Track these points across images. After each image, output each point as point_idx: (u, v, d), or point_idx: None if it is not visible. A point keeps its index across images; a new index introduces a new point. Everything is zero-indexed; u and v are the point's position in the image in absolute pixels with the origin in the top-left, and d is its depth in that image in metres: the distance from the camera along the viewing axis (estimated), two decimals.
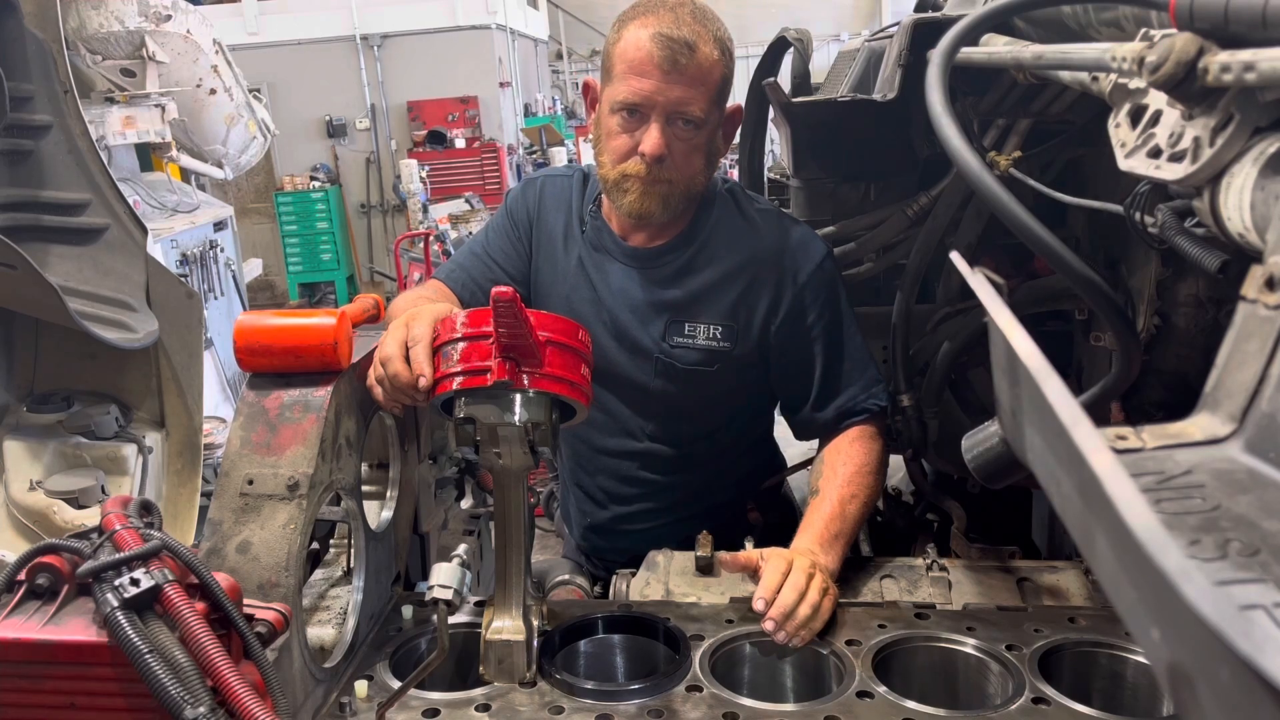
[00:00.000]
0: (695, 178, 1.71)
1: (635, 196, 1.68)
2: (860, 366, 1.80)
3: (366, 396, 1.51)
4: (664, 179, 1.67)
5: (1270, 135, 0.80)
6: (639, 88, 1.61)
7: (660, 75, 1.59)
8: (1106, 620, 1.46)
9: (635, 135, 1.65)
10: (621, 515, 1.94)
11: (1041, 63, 1.18)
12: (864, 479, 1.71)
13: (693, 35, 1.59)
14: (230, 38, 7.38)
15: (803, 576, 1.46)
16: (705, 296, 1.77)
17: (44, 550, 1.13)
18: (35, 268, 2.31)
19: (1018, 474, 1.18)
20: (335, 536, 1.76)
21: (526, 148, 13.16)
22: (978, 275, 0.73)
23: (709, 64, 1.61)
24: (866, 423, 1.79)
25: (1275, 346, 0.60)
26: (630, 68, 1.61)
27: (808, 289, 1.76)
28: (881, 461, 1.79)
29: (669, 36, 1.57)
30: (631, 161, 1.66)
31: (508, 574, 1.38)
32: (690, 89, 1.61)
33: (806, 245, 1.79)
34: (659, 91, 1.60)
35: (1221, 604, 0.36)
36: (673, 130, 1.64)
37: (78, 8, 5.24)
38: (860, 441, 1.77)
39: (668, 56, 1.58)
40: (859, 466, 1.73)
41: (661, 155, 1.63)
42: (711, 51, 1.61)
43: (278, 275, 12.20)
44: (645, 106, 1.62)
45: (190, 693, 1.01)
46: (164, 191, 5.87)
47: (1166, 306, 1.59)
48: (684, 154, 1.67)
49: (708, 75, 1.62)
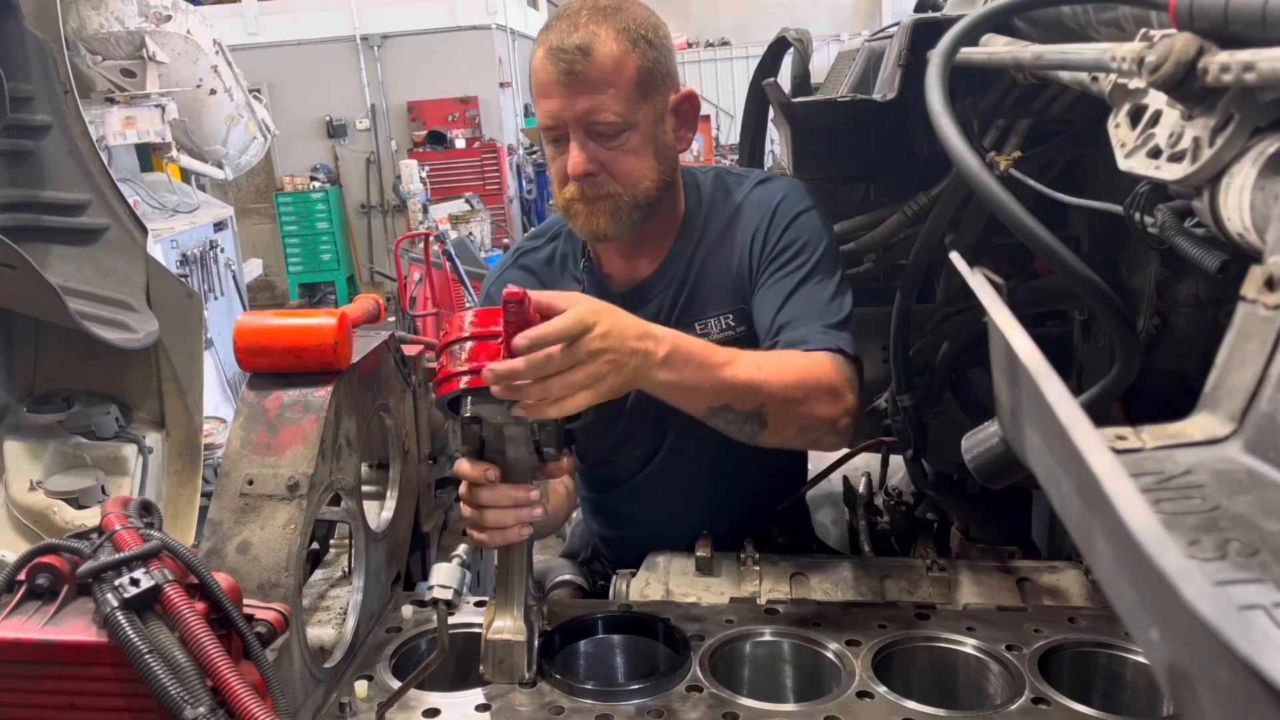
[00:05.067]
0: (641, 183, 1.59)
1: (583, 219, 1.60)
2: (816, 313, 1.57)
3: (366, 396, 1.51)
4: (604, 194, 1.57)
5: (1270, 135, 0.80)
6: (547, 109, 1.53)
7: (561, 90, 1.51)
8: (1106, 620, 1.46)
9: (565, 158, 1.56)
10: (639, 521, 1.89)
11: (1041, 63, 1.18)
12: (775, 362, 1.44)
13: (586, 37, 1.49)
14: (230, 38, 7.38)
15: (573, 322, 1.20)
16: (706, 290, 1.70)
17: (44, 550, 1.13)
18: (35, 268, 2.32)
19: (1018, 474, 1.18)
20: (335, 536, 1.76)
21: (526, 148, 13.17)
22: (977, 275, 0.73)
23: (612, 61, 1.50)
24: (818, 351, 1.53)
25: (1275, 346, 0.60)
26: (538, 90, 1.54)
27: (771, 234, 1.66)
28: (819, 383, 1.45)
29: (559, 48, 1.49)
30: (570, 186, 1.58)
31: (509, 574, 1.38)
32: (596, 95, 1.50)
33: (772, 195, 1.69)
34: (564, 108, 1.52)
35: (1221, 604, 0.36)
36: (597, 143, 1.54)
37: (78, 8, 5.24)
38: (801, 355, 1.49)
39: (563, 69, 1.49)
40: (780, 356, 1.48)
41: (588, 172, 1.55)
42: (612, 47, 1.50)
43: (278, 275, 12.21)
44: (558, 127, 1.54)
45: (190, 693, 1.01)
46: (164, 192, 5.88)
47: (1166, 306, 1.59)
48: (618, 161, 1.56)
49: (614, 74, 1.51)
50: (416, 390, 1.82)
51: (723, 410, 1.39)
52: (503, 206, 11.99)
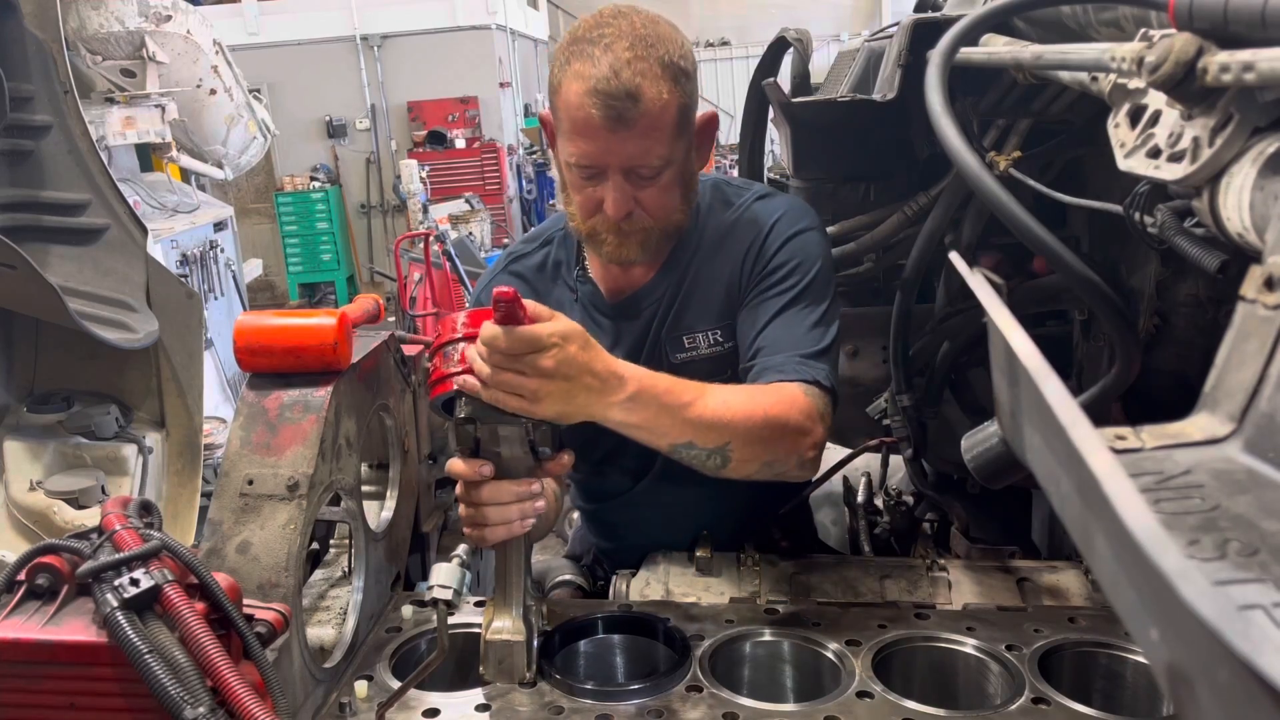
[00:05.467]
0: (673, 216, 1.59)
1: (611, 248, 1.58)
2: (796, 341, 1.55)
3: (366, 396, 1.51)
4: (639, 229, 1.56)
5: (1269, 135, 0.80)
6: (587, 150, 1.48)
7: (604, 135, 1.45)
8: (1106, 620, 1.46)
9: (596, 190, 1.53)
10: (637, 531, 1.87)
11: (1041, 63, 1.18)
12: (744, 400, 1.42)
13: (634, 79, 1.42)
14: (230, 38, 7.38)
15: (532, 337, 1.20)
16: (696, 305, 1.68)
17: (44, 550, 1.13)
18: (35, 268, 2.32)
19: (1018, 474, 1.18)
20: (335, 536, 1.76)
21: (526, 148, 13.18)
22: (977, 275, 0.73)
23: (659, 107, 1.45)
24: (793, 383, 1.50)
25: (1274, 346, 0.60)
26: (574, 128, 1.47)
27: (764, 251, 1.64)
28: (787, 421, 1.43)
29: (607, 93, 1.41)
30: (599, 218, 1.55)
31: (508, 574, 1.38)
32: (643, 140, 1.46)
33: (770, 212, 1.67)
34: (607, 152, 1.47)
35: (1220, 604, 0.36)
36: (633, 183, 1.51)
37: (78, 8, 5.24)
38: (772, 389, 1.47)
39: (610, 115, 1.42)
40: (749, 393, 1.45)
41: (628, 213, 1.53)
42: (661, 91, 1.44)
43: (278, 275, 12.22)
44: (595, 167, 1.50)
45: (190, 693, 1.01)
46: (164, 192, 5.88)
47: (1166, 306, 1.59)
48: (653, 198, 1.54)
49: (660, 117, 1.46)
50: (416, 390, 1.82)
51: (686, 446, 1.38)
52: (503, 206, 12.00)
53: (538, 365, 1.21)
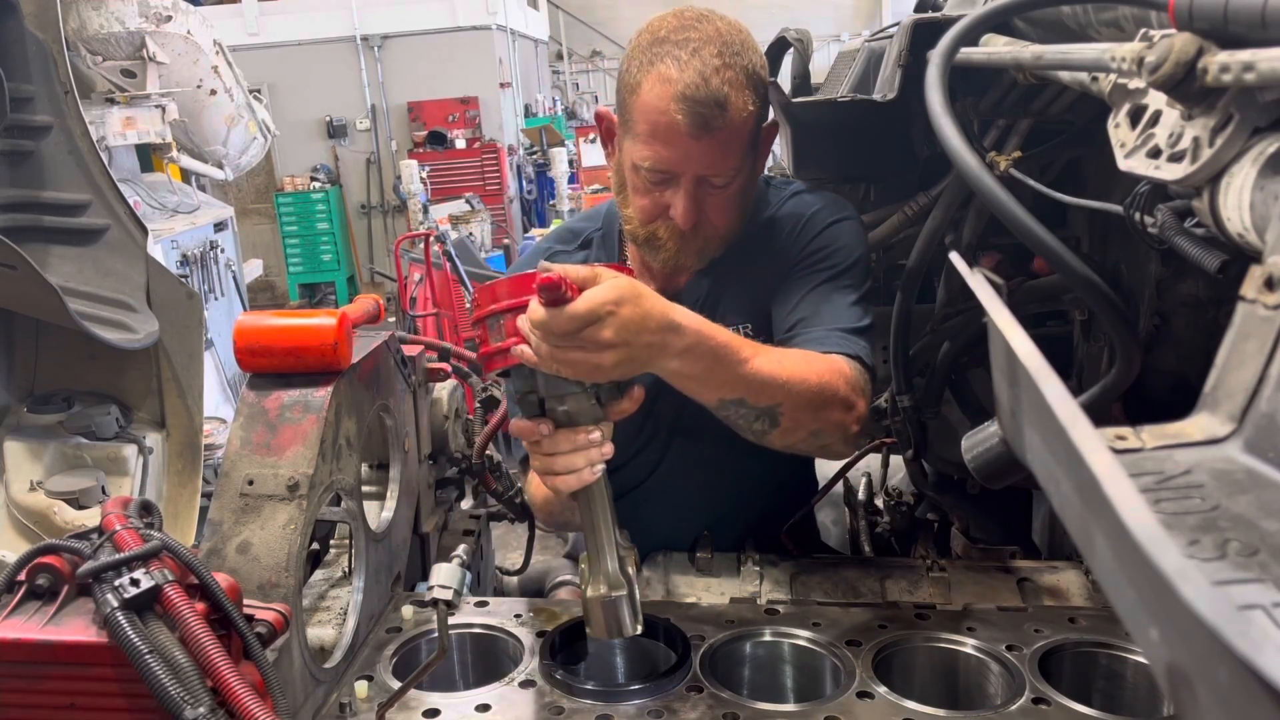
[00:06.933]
0: (734, 224, 1.57)
1: (670, 253, 1.56)
2: (836, 316, 1.53)
3: (366, 396, 1.51)
4: (701, 236, 1.54)
5: (1269, 135, 0.80)
6: (665, 156, 1.45)
7: (688, 141, 1.42)
8: (1106, 620, 1.46)
9: (664, 195, 1.50)
10: (643, 531, 1.87)
11: (1041, 63, 1.18)
12: (798, 362, 1.39)
13: (722, 87, 1.40)
14: (230, 38, 7.38)
15: (587, 310, 1.15)
16: (729, 298, 1.67)
17: (44, 550, 1.13)
18: (35, 268, 2.32)
19: (1018, 474, 1.18)
20: (335, 537, 1.76)
21: (527, 148, 13.18)
22: (977, 275, 0.73)
23: (743, 117, 1.44)
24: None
25: (1275, 346, 0.60)
26: (653, 131, 1.44)
27: (800, 239, 1.63)
28: (836, 389, 1.41)
29: (696, 100, 1.39)
30: (661, 224, 1.53)
31: (595, 527, 1.31)
32: (722, 149, 1.45)
33: (808, 205, 1.66)
34: (686, 159, 1.45)
35: (1220, 604, 0.36)
36: (703, 189, 1.49)
37: (78, 8, 5.25)
38: (820, 357, 1.44)
39: (696, 122, 1.40)
40: (802, 357, 1.42)
41: (695, 223, 1.51)
42: (745, 102, 1.43)
43: (278, 276, 12.22)
44: (668, 172, 1.48)
45: (190, 693, 1.01)
46: (164, 192, 5.88)
47: (1166, 306, 1.59)
48: (721, 207, 1.52)
49: (742, 128, 1.45)
50: (416, 390, 1.82)
51: (736, 404, 1.35)
52: (503, 207, 12.00)
53: (597, 339, 1.17)
